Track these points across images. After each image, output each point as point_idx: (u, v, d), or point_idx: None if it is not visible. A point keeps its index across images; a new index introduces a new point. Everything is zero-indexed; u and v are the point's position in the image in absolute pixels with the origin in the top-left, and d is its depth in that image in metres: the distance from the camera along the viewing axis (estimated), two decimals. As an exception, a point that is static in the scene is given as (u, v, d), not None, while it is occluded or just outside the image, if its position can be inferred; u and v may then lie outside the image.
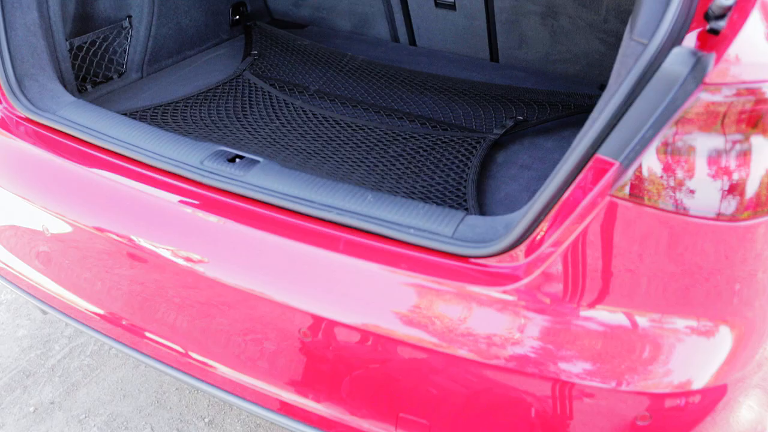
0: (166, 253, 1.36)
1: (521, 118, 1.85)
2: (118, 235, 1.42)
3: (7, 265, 1.67)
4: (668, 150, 0.98)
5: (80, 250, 1.50)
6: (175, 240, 1.38)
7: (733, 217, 0.99)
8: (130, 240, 1.40)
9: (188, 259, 1.35)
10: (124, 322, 1.49)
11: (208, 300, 1.35)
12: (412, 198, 1.48)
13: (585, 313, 1.08)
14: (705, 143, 0.96)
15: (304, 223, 1.29)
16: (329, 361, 1.25)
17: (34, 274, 1.62)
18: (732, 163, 0.96)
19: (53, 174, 1.49)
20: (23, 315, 2.34)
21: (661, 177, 0.99)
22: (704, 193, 0.98)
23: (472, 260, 1.17)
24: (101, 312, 1.52)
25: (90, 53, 1.89)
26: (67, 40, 1.79)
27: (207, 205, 1.35)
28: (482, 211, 1.50)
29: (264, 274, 1.30)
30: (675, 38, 0.98)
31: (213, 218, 1.34)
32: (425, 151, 1.69)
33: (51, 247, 1.56)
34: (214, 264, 1.33)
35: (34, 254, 1.61)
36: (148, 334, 1.46)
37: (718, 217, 0.99)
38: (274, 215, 1.31)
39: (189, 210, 1.36)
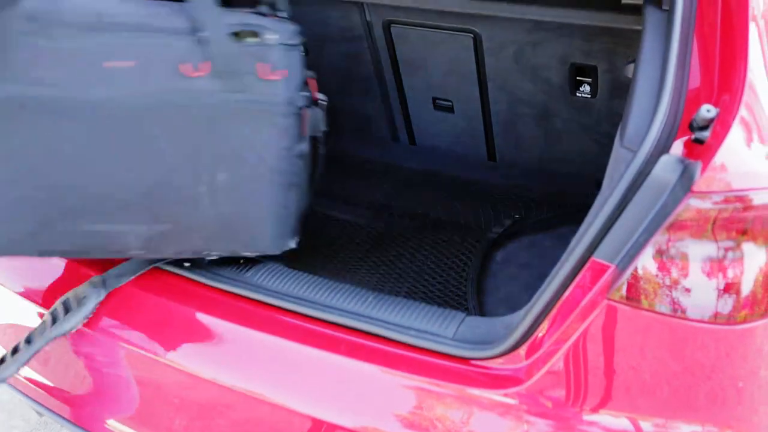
0: (162, 354, 1.36)
1: (518, 216, 1.89)
2: (115, 336, 1.42)
3: (6, 366, 1.66)
4: (662, 254, 1.00)
5: (78, 351, 1.50)
6: (173, 341, 1.38)
7: (730, 319, 1.00)
8: (129, 341, 1.40)
9: (186, 360, 1.35)
10: (119, 425, 1.46)
11: (206, 401, 1.34)
12: (414, 298, 1.50)
13: (588, 417, 1.07)
14: (697, 248, 0.98)
15: (305, 324, 1.29)
16: (329, 466, 1.23)
17: (30, 374, 1.60)
18: (725, 267, 0.98)
19: (55, 272, 1.51)
20: (18, 416, 2.29)
21: (657, 281, 1.01)
22: (699, 297, 0.99)
23: (473, 362, 1.17)
24: (97, 414, 1.50)
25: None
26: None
27: (207, 306, 1.36)
28: (483, 310, 1.51)
29: (263, 375, 1.30)
30: (663, 146, 1.03)
31: (213, 319, 1.35)
32: (426, 250, 1.72)
33: (50, 348, 1.55)
34: (212, 364, 1.33)
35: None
36: (144, 438, 1.43)
37: (716, 320, 1.00)
38: (276, 316, 1.32)
39: (188, 310, 1.37)
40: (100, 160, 1.27)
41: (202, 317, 1.36)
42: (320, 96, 1.45)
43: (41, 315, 1.51)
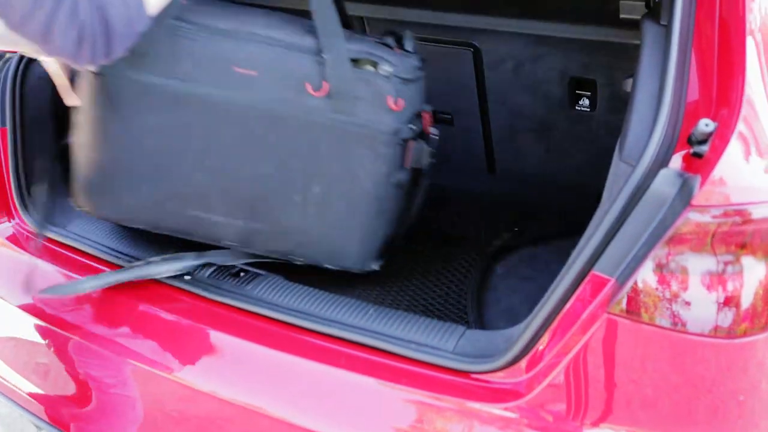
0: (162, 368, 1.36)
1: (518, 229, 1.89)
2: (115, 349, 1.42)
3: (5, 379, 1.66)
4: (661, 268, 1.00)
5: (78, 364, 1.50)
6: (172, 354, 1.38)
7: (730, 333, 1.00)
8: (129, 354, 1.40)
9: (186, 374, 1.35)
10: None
11: (206, 415, 1.33)
12: (414, 311, 1.50)
13: (589, 431, 1.06)
14: (697, 262, 0.99)
15: (305, 337, 1.29)
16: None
17: (30, 387, 1.60)
18: (724, 280, 0.99)
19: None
20: (17, 429, 2.28)
21: (656, 294, 1.01)
22: (699, 310, 1.00)
23: (473, 375, 1.16)
24: (96, 428, 1.49)
25: (102, 168, 1.95)
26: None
27: (210, 320, 1.36)
28: (483, 323, 1.51)
29: (263, 388, 1.29)
30: (662, 160, 1.03)
31: (212, 332, 1.35)
32: (426, 263, 1.72)
33: (50, 361, 1.56)
34: (211, 377, 1.32)
35: (31, 368, 1.60)
36: (144, 452, 1.43)
37: (716, 333, 1.00)
38: (276, 329, 1.32)
39: (188, 324, 1.37)
40: (211, 154, 1.39)
41: (202, 330, 1.36)
42: (432, 130, 1.51)
43: (39, 327, 1.51)
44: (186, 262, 1.45)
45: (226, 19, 1.34)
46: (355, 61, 1.37)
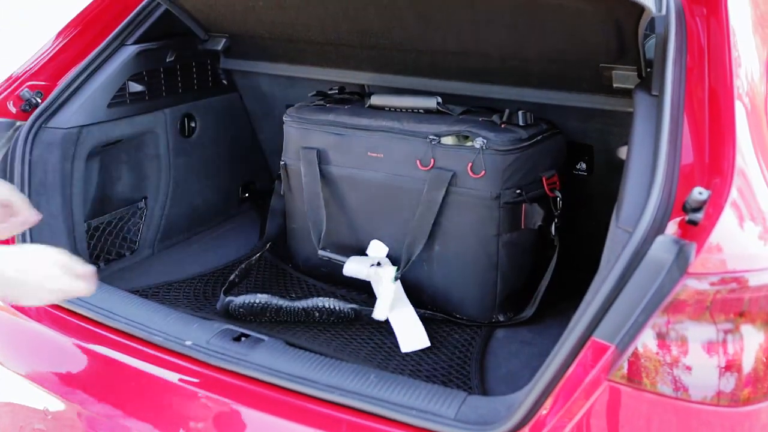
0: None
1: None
2: (120, 415, 1.40)
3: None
4: (661, 335, 1.01)
5: (77, 431, 1.48)
6: (177, 420, 1.36)
7: (732, 401, 1.00)
8: (133, 420, 1.38)
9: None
10: None
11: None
12: (418, 377, 1.49)
13: (594, 503, 1.04)
14: (696, 329, 0.99)
15: (306, 404, 1.28)
16: None
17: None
18: (724, 347, 0.99)
19: (59, 354, 1.51)
20: (9, 498, 2.23)
21: (657, 361, 1.01)
22: (700, 378, 0.99)
23: (475, 443, 1.15)
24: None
25: (105, 232, 1.97)
26: (85, 222, 1.88)
27: (211, 385, 1.35)
28: (484, 388, 1.49)
29: (264, 456, 1.27)
30: (658, 227, 1.05)
31: (216, 398, 1.34)
32: (433, 330, 1.72)
33: (46, 427, 1.53)
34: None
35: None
36: None
37: (719, 401, 0.99)
38: (277, 395, 1.31)
39: (193, 390, 1.36)
40: (360, 217, 1.80)
41: (203, 396, 1.35)
42: (557, 193, 1.72)
43: (37, 392, 1.50)
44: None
45: (366, 117, 1.79)
46: (457, 138, 1.66)
